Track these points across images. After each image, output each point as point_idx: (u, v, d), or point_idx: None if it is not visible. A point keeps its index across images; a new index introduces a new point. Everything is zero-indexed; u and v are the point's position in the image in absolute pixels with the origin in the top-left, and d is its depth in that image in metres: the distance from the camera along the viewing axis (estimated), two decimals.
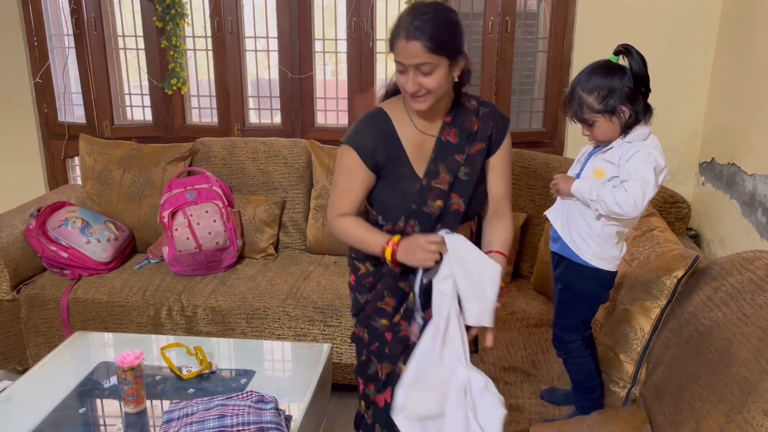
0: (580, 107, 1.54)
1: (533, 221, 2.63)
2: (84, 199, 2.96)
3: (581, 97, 1.53)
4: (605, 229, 1.58)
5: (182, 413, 1.57)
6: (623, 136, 1.53)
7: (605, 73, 1.51)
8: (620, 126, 1.52)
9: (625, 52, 1.51)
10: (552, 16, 3.02)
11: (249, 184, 2.97)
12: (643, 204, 1.48)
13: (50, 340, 2.60)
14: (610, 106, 1.51)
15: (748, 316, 1.40)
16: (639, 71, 1.49)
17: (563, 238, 1.65)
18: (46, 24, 3.29)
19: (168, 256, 2.65)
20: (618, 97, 1.50)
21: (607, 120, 1.53)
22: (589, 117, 1.54)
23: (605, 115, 1.52)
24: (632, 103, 1.50)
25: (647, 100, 1.53)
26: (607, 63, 1.53)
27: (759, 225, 2.30)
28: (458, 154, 1.61)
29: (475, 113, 1.63)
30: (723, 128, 2.73)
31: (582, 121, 1.57)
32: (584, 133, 1.59)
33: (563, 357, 1.75)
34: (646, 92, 1.52)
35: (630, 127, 1.52)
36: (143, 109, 3.44)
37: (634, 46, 1.51)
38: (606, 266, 1.62)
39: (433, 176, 1.62)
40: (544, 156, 2.77)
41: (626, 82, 1.49)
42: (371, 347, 1.70)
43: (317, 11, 3.17)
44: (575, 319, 1.69)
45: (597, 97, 1.51)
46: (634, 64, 1.49)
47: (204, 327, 2.49)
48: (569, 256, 1.64)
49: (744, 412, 1.22)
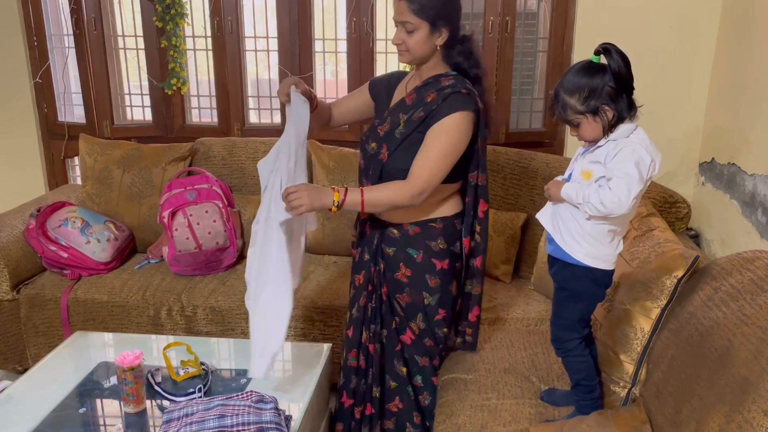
0: (563, 109, 1.56)
1: (533, 221, 2.63)
2: (84, 199, 2.96)
3: (564, 99, 1.55)
4: (596, 227, 1.58)
5: (182, 413, 1.57)
6: (607, 135, 1.54)
7: (586, 74, 1.52)
8: (604, 125, 1.53)
9: (605, 52, 1.50)
10: (552, 16, 3.02)
11: (249, 184, 2.97)
12: (629, 200, 1.48)
13: (50, 340, 2.60)
14: (592, 107, 1.51)
15: (748, 316, 1.40)
16: (619, 70, 1.49)
17: (555, 239, 1.64)
18: (46, 24, 3.29)
19: (168, 256, 2.65)
20: (600, 97, 1.50)
21: (591, 120, 1.53)
22: (573, 118, 1.55)
23: (588, 115, 1.52)
24: (615, 102, 1.50)
25: (631, 98, 1.53)
26: (588, 64, 1.53)
27: (759, 225, 2.30)
28: (403, 114, 1.82)
29: (439, 90, 1.77)
30: (723, 128, 2.73)
31: (567, 122, 1.58)
32: (572, 133, 1.61)
33: (562, 356, 1.74)
34: (629, 90, 1.52)
35: (614, 126, 1.53)
36: (143, 109, 3.44)
37: (614, 45, 1.50)
38: (600, 265, 1.61)
39: (381, 122, 1.88)
40: (544, 156, 2.77)
41: (607, 81, 1.49)
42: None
43: (317, 11, 3.17)
44: (572, 318, 1.69)
45: (579, 98, 1.52)
46: (613, 63, 1.49)
47: (204, 327, 2.49)
48: (562, 257, 1.63)
49: (744, 412, 1.22)
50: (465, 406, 1.78)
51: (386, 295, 1.94)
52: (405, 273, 1.88)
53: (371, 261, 1.95)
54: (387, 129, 1.84)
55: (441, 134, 1.73)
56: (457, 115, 1.72)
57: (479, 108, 1.77)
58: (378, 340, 1.97)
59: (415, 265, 1.88)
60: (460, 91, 1.74)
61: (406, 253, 1.88)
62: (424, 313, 1.90)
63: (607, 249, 1.61)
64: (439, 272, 1.87)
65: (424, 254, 1.86)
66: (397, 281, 1.90)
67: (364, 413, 2.02)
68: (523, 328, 2.30)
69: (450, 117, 1.72)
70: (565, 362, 1.75)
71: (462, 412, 1.75)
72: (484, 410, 1.75)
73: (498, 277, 2.65)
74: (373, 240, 1.94)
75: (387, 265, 1.91)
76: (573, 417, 1.68)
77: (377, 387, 1.99)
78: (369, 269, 1.96)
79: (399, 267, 1.89)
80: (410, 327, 1.93)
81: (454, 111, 1.72)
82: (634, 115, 1.53)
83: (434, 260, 1.87)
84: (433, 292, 1.88)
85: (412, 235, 1.87)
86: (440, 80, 1.79)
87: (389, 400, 1.99)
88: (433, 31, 1.72)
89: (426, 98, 1.78)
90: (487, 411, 1.74)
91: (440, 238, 1.86)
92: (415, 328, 1.92)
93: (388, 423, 2.01)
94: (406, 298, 1.90)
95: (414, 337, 1.93)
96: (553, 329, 1.74)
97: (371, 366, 1.99)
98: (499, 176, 2.76)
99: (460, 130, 1.73)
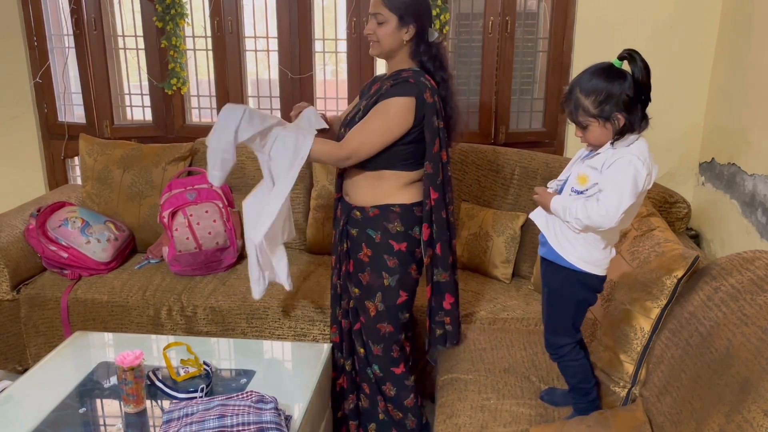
0: (576, 108, 1.51)
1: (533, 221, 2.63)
2: (84, 199, 2.96)
3: (578, 98, 1.49)
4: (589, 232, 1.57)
5: (182, 413, 1.57)
6: (612, 142, 1.51)
7: (605, 77, 1.47)
8: (613, 133, 1.50)
9: (629, 58, 1.46)
10: (552, 16, 3.02)
11: (249, 184, 2.96)
12: (617, 214, 1.44)
13: (50, 340, 2.60)
14: (605, 112, 1.47)
15: (748, 316, 1.40)
16: (641, 79, 1.44)
17: (548, 240, 1.63)
18: (46, 24, 3.29)
19: (168, 256, 2.65)
20: (615, 104, 1.46)
21: (601, 125, 1.49)
22: (583, 120, 1.50)
23: (600, 120, 1.48)
24: (629, 111, 1.46)
25: (645, 110, 1.48)
26: (609, 67, 1.48)
27: (759, 225, 2.30)
28: (365, 101, 1.97)
29: (395, 81, 1.90)
30: (723, 128, 2.74)
31: (576, 122, 1.54)
32: (577, 134, 1.57)
33: (557, 361, 1.74)
34: (645, 101, 1.48)
35: (622, 135, 1.49)
36: (143, 109, 3.44)
37: (639, 53, 1.46)
38: (593, 270, 1.60)
39: (353, 110, 2.04)
40: (544, 156, 2.77)
41: (626, 89, 1.45)
42: None
43: (317, 11, 3.17)
44: (565, 323, 1.68)
45: (594, 101, 1.47)
46: (637, 71, 1.44)
47: (204, 327, 2.49)
48: (555, 259, 1.62)
49: (744, 412, 1.22)
50: (465, 406, 1.78)
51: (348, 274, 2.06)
52: (366, 253, 1.99)
53: (339, 241, 2.08)
54: (352, 114, 2.01)
55: (378, 112, 1.88)
56: (396, 99, 1.85)
57: (425, 99, 1.86)
58: (347, 317, 2.12)
59: (374, 245, 1.98)
60: (408, 80, 1.87)
61: (367, 234, 1.99)
62: (383, 294, 1.99)
63: (600, 254, 1.60)
64: (397, 253, 1.97)
65: (382, 235, 1.97)
66: (360, 260, 2.01)
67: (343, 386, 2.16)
68: (523, 328, 2.30)
69: (390, 99, 1.86)
70: (560, 367, 1.75)
71: (462, 413, 1.75)
72: (485, 410, 1.75)
73: (498, 277, 2.65)
74: (341, 221, 2.07)
75: (351, 245, 2.03)
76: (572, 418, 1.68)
77: (348, 360, 2.14)
78: (337, 249, 2.09)
79: (361, 247, 2.00)
80: (367, 306, 2.02)
81: (395, 95, 1.86)
82: (644, 128, 1.50)
83: (391, 241, 1.97)
84: (392, 273, 1.98)
85: (371, 217, 1.98)
86: (401, 73, 1.92)
87: (361, 380, 2.13)
88: (401, 26, 1.87)
89: (383, 88, 1.92)
90: (487, 411, 1.74)
91: (397, 221, 1.97)
92: (371, 307, 2.01)
93: (363, 402, 2.14)
94: (367, 278, 2.00)
95: (369, 318, 2.03)
96: (546, 335, 1.74)
97: (344, 340, 2.14)
98: (499, 176, 2.76)
99: (396, 113, 1.86)
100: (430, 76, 1.92)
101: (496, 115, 3.12)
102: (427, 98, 1.87)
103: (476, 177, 2.78)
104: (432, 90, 1.89)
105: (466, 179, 2.79)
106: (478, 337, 2.14)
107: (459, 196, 2.80)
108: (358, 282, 2.04)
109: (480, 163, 2.78)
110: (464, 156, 2.80)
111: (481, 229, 2.66)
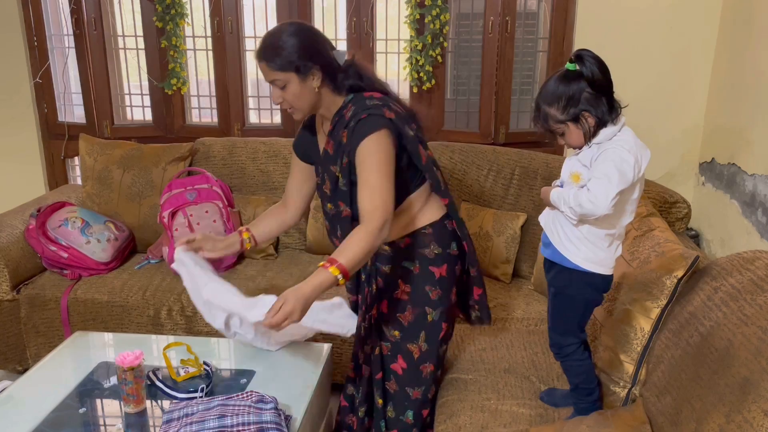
0: (545, 120, 1.56)
1: (533, 221, 2.63)
2: (84, 199, 2.96)
3: (545, 110, 1.55)
4: (592, 231, 1.57)
5: (182, 413, 1.57)
6: (590, 140, 1.54)
7: (562, 83, 1.51)
8: (585, 131, 1.53)
9: (577, 59, 1.50)
10: (552, 16, 3.02)
11: (249, 184, 2.97)
12: (606, 201, 1.47)
13: (50, 340, 2.60)
14: (572, 114, 1.51)
15: (748, 316, 1.40)
16: (593, 75, 1.49)
17: (553, 242, 1.64)
18: (46, 24, 3.29)
19: (168, 256, 2.65)
20: (578, 104, 1.50)
21: (574, 128, 1.53)
22: (556, 127, 1.56)
23: (569, 123, 1.53)
24: (594, 107, 1.50)
25: (612, 101, 1.52)
26: (564, 72, 1.53)
27: (759, 225, 2.30)
28: (334, 166, 1.75)
29: (346, 125, 1.70)
30: (723, 128, 2.74)
31: (551, 132, 1.58)
32: (560, 142, 1.61)
33: (561, 360, 1.74)
34: (608, 93, 1.52)
35: (597, 130, 1.52)
36: (143, 109, 3.44)
37: (589, 51, 1.50)
38: (598, 270, 1.61)
39: (322, 182, 1.82)
40: (544, 156, 2.77)
41: (584, 87, 1.49)
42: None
43: (317, 11, 3.18)
44: (571, 323, 1.69)
45: (558, 108, 1.52)
46: (586, 70, 1.49)
47: (204, 327, 2.49)
48: (560, 261, 1.63)
49: (744, 412, 1.22)
50: (465, 407, 1.78)
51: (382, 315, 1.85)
52: (404, 290, 1.81)
53: (366, 282, 1.85)
54: (330, 186, 1.79)
55: (366, 163, 1.66)
56: (369, 139, 1.65)
57: (389, 119, 1.68)
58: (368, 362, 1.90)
59: (413, 278, 1.80)
60: (361, 118, 1.67)
61: (403, 268, 1.81)
62: (427, 333, 1.81)
63: (605, 253, 1.60)
64: (439, 281, 1.80)
65: (420, 264, 1.80)
66: (397, 300, 1.82)
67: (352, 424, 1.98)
68: (523, 328, 2.30)
69: (363, 144, 1.65)
70: (563, 366, 1.75)
71: (462, 413, 1.75)
72: (485, 411, 1.75)
73: (498, 277, 2.65)
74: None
75: (385, 284, 1.83)
76: (572, 418, 1.68)
77: (362, 407, 1.92)
78: (364, 290, 1.87)
79: (398, 284, 1.81)
80: (409, 350, 1.83)
81: (364, 137, 1.65)
82: (617, 117, 1.53)
83: (432, 268, 1.80)
84: (436, 306, 1.80)
85: (404, 248, 1.81)
86: (343, 115, 1.72)
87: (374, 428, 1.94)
88: (304, 77, 1.67)
89: (342, 140, 1.71)
90: (487, 411, 1.74)
91: (433, 243, 1.80)
92: (415, 350, 1.82)
93: None
94: (409, 317, 1.81)
95: (413, 362, 1.83)
96: (552, 335, 1.74)
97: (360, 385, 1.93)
98: (499, 176, 2.76)
99: (379, 149, 1.65)
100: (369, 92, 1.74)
101: (496, 115, 3.12)
102: (389, 115, 1.69)
103: (476, 177, 2.78)
104: (384, 104, 1.70)
105: (466, 179, 2.79)
106: (478, 337, 2.15)
107: (459, 196, 2.80)
108: (398, 324, 1.82)
109: (480, 163, 2.78)
110: (464, 156, 2.80)
111: (481, 229, 2.66)
